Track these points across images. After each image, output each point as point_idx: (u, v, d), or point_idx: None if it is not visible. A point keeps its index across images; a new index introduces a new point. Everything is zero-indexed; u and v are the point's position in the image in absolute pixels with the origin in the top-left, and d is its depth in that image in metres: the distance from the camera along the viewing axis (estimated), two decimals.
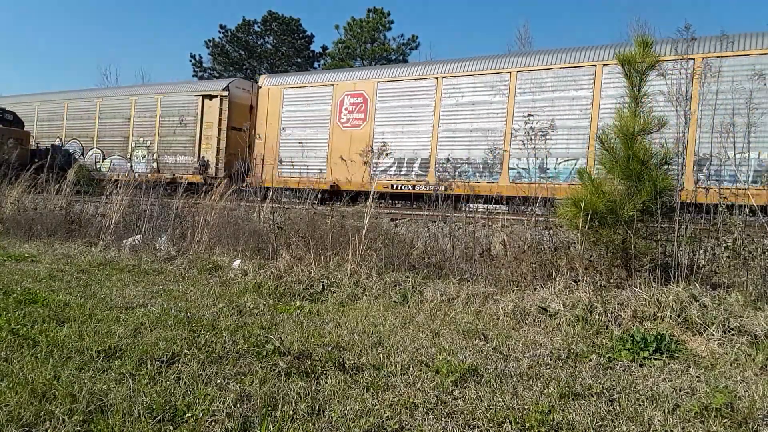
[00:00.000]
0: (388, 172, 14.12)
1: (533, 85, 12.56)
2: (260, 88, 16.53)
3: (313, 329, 4.25)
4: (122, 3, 67.11)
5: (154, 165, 18.01)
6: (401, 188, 13.87)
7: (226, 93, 16.79)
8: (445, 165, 13.32)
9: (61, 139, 20.37)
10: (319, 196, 14.60)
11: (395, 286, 5.62)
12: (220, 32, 38.47)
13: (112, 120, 19.25)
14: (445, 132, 13.53)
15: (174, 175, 16.72)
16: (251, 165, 15.67)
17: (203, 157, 16.91)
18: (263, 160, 15.79)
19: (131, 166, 18.37)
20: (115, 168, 18.63)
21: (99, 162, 19.24)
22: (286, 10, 55.91)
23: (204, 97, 17.12)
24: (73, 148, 20.05)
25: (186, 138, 17.57)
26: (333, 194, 13.94)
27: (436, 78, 13.78)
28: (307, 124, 15.57)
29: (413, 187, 13.68)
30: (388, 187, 13.79)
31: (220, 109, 16.77)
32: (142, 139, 18.57)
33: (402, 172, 13.99)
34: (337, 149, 14.75)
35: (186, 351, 3.51)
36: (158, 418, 2.53)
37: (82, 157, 19.43)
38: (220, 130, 16.81)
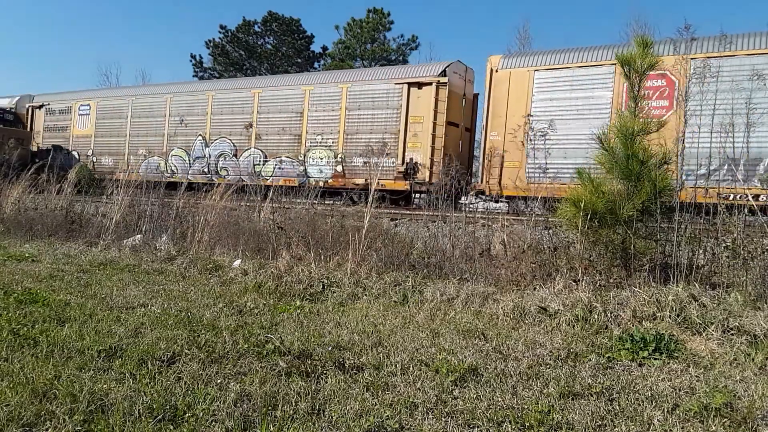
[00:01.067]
0: (711, 178, 10.36)
1: None
2: (495, 71, 12.89)
3: (313, 329, 4.26)
4: (122, 3, 67.15)
5: (339, 168, 14.71)
6: (733, 197, 10.35)
7: (444, 80, 13.44)
8: None
9: (204, 138, 17.06)
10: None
11: (395, 286, 5.62)
12: (220, 32, 38.44)
13: (278, 115, 15.87)
14: None
15: (367, 180, 13.52)
16: (483, 168, 12.72)
17: (411, 159, 13.62)
18: (502, 161, 12.45)
19: (305, 170, 15.09)
20: (283, 172, 15.42)
21: (258, 165, 15.91)
22: (286, 10, 55.90)
23: (410, 85, 13.85)
24: (221, 148, 16.71)
25: (383, 135, 14.15)
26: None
27: None
28: (571, 115, 11.89)
29: (757, 197, 9.90)
30: (711, 197, 9.93)
31: (436, 100, 13.43)
32: (320, 137, 15.03)
33: (736, 179, 10.30)
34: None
35: (186, 351, 3.52)
36: (159, 417, 2.54)
37: (234, 158, 16.38)
38: (435, 125, 13.44)
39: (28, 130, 20.87)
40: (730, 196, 7.90)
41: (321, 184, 13.16)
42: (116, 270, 6.65)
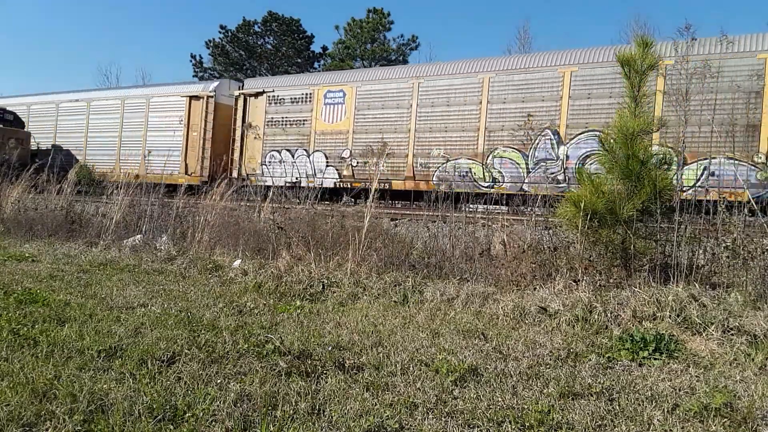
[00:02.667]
0: None
1: None
2: None
3: (313, 329, 4.26)
4: (122, 3, 67.13)
5: None
6: None
7: None
8: None
9: (555, 132, 11.87)
10: None
11: (395, 286, 5.62)
12: (220, 32, 38.44)
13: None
14: None
15: None
16: None
17: None
18: None
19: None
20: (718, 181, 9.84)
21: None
22: (286, 10, 55.87)
23: None
24: (589, 145, 11.30)
25: None
26: None
27: None
28: None
29: None
30: None
31: None
32: None
33: None
34: None
35: (186, 351, 3.52)
36: (159, 417, 2.54)
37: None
38: None
39: (241, 122, 16.26)
40: None
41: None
42: (116, 270, 6.65)
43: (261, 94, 16.11)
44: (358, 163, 14.18)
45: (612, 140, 5.23)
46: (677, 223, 5.24)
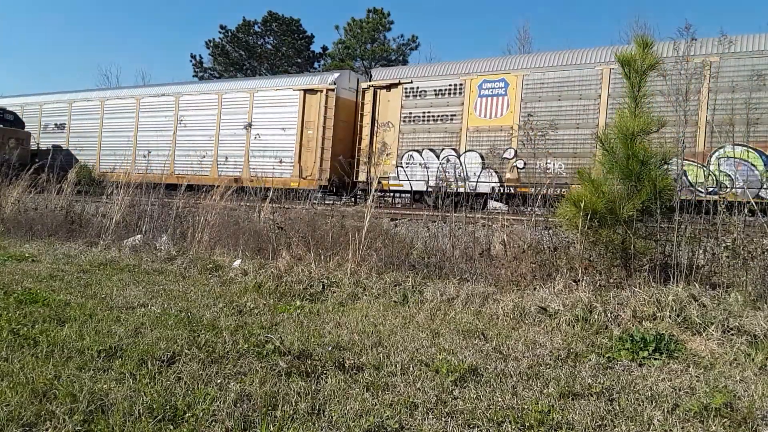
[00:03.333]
0: None
1: None
2: None
3: (313, 329, 4.26)
4: (122, 3, 67.13)
5: None
6: None
7: None
8: None
9: None
10: None
11: (395, 286, 5.62)
12: (220, 32, 38.49)
13: None
14: None
15: None
16: None
17: None
18: None
19: None
20: None
21: None
22: (286, 10, 55.86)
23: None
24: None
25: None
26: None
27: None
28: None
29: None
30: None
31: None
32: None
33: None
34: None
35: (186, 351, 3.52)
36: (159, 417, 2.54)
37: None
38: None
39: (370, 117, 14.34)
40: None
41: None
42: (116, 270, 6.65)
43: (395, 85, 14.08)
44: (525, 164, 11.97)
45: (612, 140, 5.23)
46: (677, 223, 5.24)
